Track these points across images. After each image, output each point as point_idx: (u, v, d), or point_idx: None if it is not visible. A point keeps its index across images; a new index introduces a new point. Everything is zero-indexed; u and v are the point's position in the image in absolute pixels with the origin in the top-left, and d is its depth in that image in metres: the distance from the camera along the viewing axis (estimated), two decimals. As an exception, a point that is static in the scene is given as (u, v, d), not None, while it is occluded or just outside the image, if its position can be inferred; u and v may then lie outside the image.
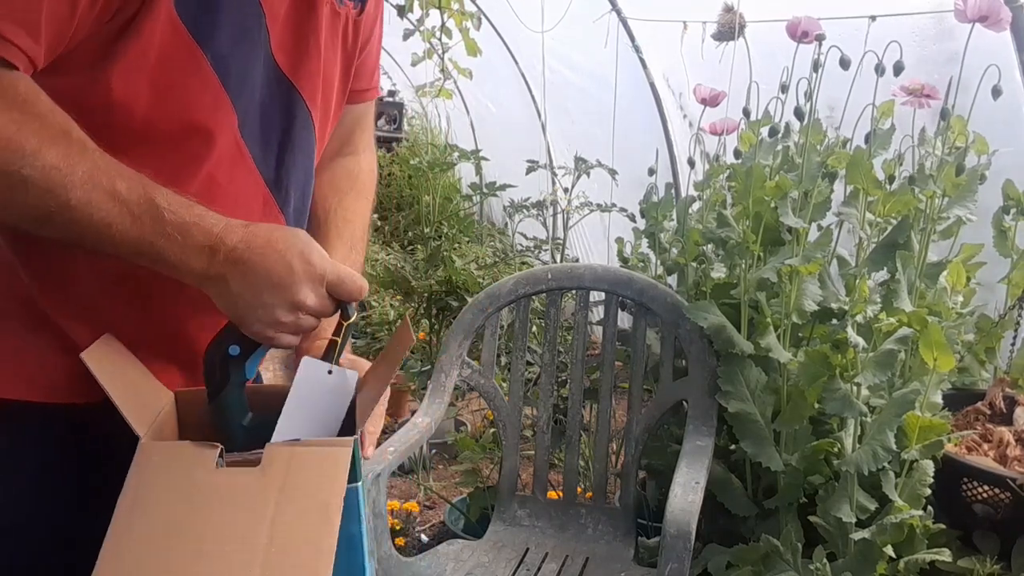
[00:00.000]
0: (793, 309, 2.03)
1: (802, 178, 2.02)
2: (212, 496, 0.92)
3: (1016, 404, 2.11)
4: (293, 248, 0.96)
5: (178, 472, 0.94)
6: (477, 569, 2.01)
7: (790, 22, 1.99)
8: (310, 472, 0.95)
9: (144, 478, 0.93)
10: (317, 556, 0.88)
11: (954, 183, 1.98)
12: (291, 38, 1.08)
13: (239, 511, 0.92)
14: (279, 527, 0.90)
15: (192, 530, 0.90)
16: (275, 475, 0.94)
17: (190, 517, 0.91)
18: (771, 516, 2.06)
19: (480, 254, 3.45)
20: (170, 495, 0.93)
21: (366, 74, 1.31)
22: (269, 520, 0.90)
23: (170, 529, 0.90)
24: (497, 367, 2.43)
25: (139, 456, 0.95)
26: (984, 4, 1.77)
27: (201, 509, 0.92)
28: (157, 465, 0.95)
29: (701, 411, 2.09)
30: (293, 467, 0.95)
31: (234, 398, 1.02)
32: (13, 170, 0.86)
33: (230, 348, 1.01)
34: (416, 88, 5.22)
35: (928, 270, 2.01)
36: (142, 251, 0.92)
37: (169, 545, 0.89)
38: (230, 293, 0.95)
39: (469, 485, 2.78)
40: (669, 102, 3.70)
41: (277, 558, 0.88)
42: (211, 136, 1.03)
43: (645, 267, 2.75)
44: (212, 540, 0.89)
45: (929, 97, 1.89)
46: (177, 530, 0.90)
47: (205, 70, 0.99)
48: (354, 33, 1.21)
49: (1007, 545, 1.89)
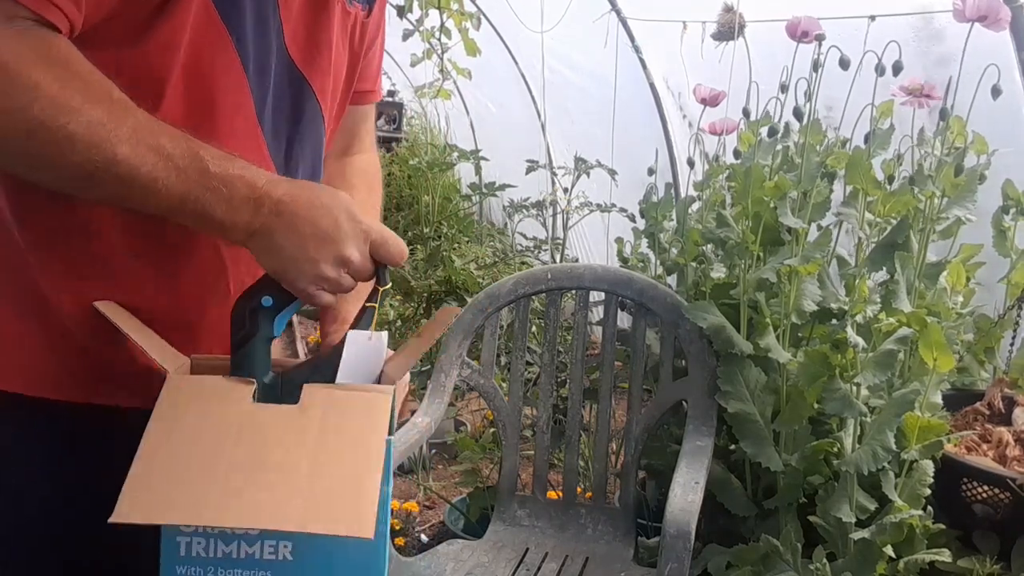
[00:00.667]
0: (792, 309, 2.03)
1: (801, 178, 2.02)
2: (249, 428, 0.89)
3: (1015, 404, 2.11)
4: (339, 204, 0.96)
5: (212, 404, 0.91)
6: (477, 569, 2.01)
7: (790, 22, 1.99)
8: (351, 413, 0.92)
9: (174, 408, 0.90)
10: (360, 492, 0.85)
11: (953, 183, 1.98)
12: (304, 32, 1.10)
13: (277, 443, 0.88)
14: (321, 461, 0.86)
15: (226, 459, 0.86)
16: (314, 413, 0.91)
17: (224, 446, 0.87)
18: (771, 516, 2.06)
19: (480, 254, 3.45)
20: (203, 425, 0.89)
21: (370, 76, 1.32)
22: (310, 453, 0.87)
23: (204, 458, 0.86)
24: (497, 367, 2.43)
25: (167, 389, 0.92)
26: (983, 3, 1.77)
27: (237, 439, 0.88)
28: (188, 396, 0.92)
29: (701, 411, 2.09)
30: (334, 407, 0.92)
31: (260, 351, 1.00)
32: (59, 125, 0.85)
33: (263, 299, 0.99)
34: (415, 88, 5.22)
35: (928, 270, 2.01)
36: (186, 207, 0.91)
37: (202, 473, 0.85)
38: (275, 246, 0.94)
39: (469, 485, 2.78)
40: (669, 102, 3.70)
41: (320, 490, 0.84)
42: (232, 117, 1.03)
43: (645, 267, 2.75)
44: (249, 468, 0.85)
45: (928, 97, 1.89)
46: (211, 459, 0.86)
47: (230, 52, 1.01)
48: (361, 34, 1.22)
49: (1007, 545, 1.89)
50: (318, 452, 0.87)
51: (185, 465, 0.85)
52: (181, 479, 0.84)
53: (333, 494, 0.84)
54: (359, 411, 0.92)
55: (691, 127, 3.03)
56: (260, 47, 1.04)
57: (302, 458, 0.86)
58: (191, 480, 0.84)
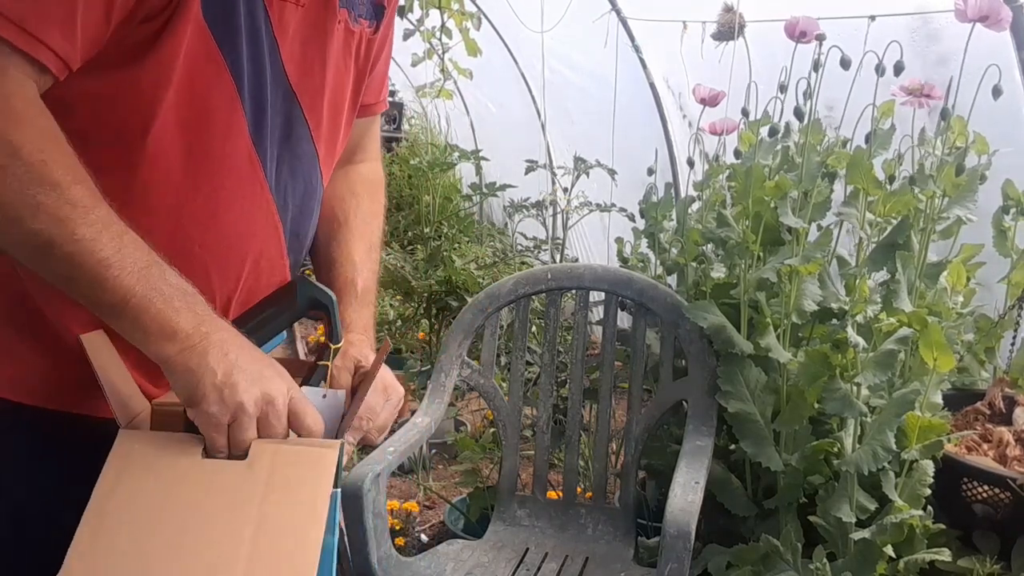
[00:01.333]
0: (793, 309, 2.02)
1: (802, 178, 2.02)
2: (196, 485, 0.90)
3: (1016, 404, 2.11)
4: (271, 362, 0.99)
5: (161, 460, 0.92)
6: (477, 569, 2.01)
7: (788, 22, 1.99)
8: (296, 469, 0.93)
9: (124, 464, 0.91)
10: (304, 551, 0.87)
11: (954, 183, 1.98)
12: (300, 51, 1.10)
13: (224, 502, 0.90)
14: (265, 520, 0.89)
15: (174, 519, 0.88)
16: (261, 469, 0.92)
17: (172, 505, 0.89)
18: (771, 516, 2.06)
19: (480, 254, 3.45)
20: (151, 482, 0.90)
21: (374, 89, 1.33)
22: (256, 512, 0.89)
23: (151, 517, 0.87)
24: (497, 367, 2.43)
25: (119, 444, 0.93)
26: (984, 4, 1.77)
27: (184, 497, 0.89)
28: (138, 452, 0.93)
29: (701, 411, 2.09)
30: (279, 462, 0.93)
31: None
32: (29, 193, 0.86)
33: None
34: (416, 88, 5.22)
35: (928, 270, 2.00)
36: (128, 301, 0.91)
37: (149, 533, 0.86)
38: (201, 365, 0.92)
39: (469, 485, 2.78)
40: (669, 102, 3.69)
41: (263, 551, 0.86)
42: (224, 137, 1.04)
43: (645, 267, 2.75)
44: (196, 530, 0.87)
45: (929, 97, 1.89)
46: (158, 518, 0.87)
47: (223, 73, 1.01)
48: (367, 51, 1.22)
49: (1007, 545, 1.88)
50: (263, 510, 0.89)
51: (130, 528, 0.87)
52: (127, 544, 0.86)
53: (275, 552, 0.87)
54: (305, 466, 0.94)
55: (691, 127, 3.03)
56: (254, 67, 1.04)
57: (247, 518, 0.88)
58: (136, 545, 0.86)
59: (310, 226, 1.23)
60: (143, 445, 0.94)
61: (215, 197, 1.05)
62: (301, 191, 1.17)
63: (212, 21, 0.98)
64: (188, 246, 1.04)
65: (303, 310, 1.12)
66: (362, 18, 1.18)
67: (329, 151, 1.21)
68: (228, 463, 0.93)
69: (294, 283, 1.14)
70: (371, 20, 1.20)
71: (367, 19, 1.19)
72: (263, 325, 1.09)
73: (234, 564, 0.85)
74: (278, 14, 1.04)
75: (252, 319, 1.09)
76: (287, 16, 1.06)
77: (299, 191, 1.16)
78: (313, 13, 1.09)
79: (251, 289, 1.13)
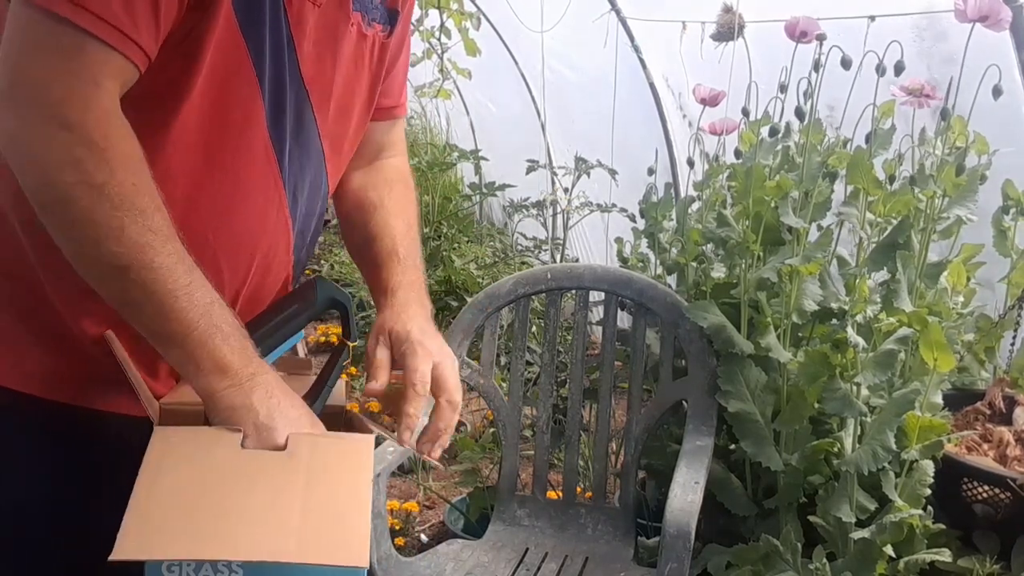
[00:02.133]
0: (793, 309, 2.03)
1: (802, 178, 2.02)
2: (239, 473, 0.91)
3: (1016, 404, 2.11)
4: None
5: (200, 451, 0.93)
6: (477, 569, 2.01)
7: (788, 22, 1.99)
8: (336, 459, 0.95)
9: (164, 457, 0.92)
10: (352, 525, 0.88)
11: (954, 183, 1.98)
12: (314, 51, 1.11)
13: (268, 484, 0.91)
14: (311, 498, 0.89)
15: (219, 498, 0.88)
16: (301, 458, 0.93)
17: (217, 487, 0.89)
18: (771, 516, 2.06)
19: (480, 254, 3.45)
20: (193, 472, 0.91)
21: (394, 92, 1.34)
22: (300, 492, 0.90)
23: (197, 498, 0.88)
24: (497, 367, 2.43)
25: (156, 438, 0.94)
26: (984, 4, 1.77)
27: (228, 484, 0.90)
28: (176, 445, 0.93)
29: (701, 411, 2.09)
30: (318, 453, 0.95)
31: None
32: (117, 216, 0.89)
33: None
34: (415, 88, 5.22)
35: (928, 270, 2.00)
36: (189, 334, 0.94)
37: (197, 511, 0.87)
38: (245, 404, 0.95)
39: (469, 485, 2.78)
40: (668, 102, 3.69)
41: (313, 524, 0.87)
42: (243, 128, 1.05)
43: (645, 267, 2.75)
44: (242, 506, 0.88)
45: (929, 97, 1.89)
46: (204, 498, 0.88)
47: (247, 66, 1.02)
48: (380, 55, 1.22)
49: (1007, 545, 1.88)
50: (308, 491, 0.90)
51: (179, 504, 0.87)
52: (177, 517, 0.86)
53: (326, 528, 0.87)
54: (344, 455, 0.96)
55: (691, 127, 3.03)
56: (274, 61, 1.05)
57: (294, 497, 0.89)
58: (187, 517, 0.86)
59: (313, 227, 1.23)
60: (181, 438, 0.95)
61: (231, 188, 1.06)
62: (309, 188, 1.17)
63: (239, 9, 0.99)
64: (201, 237, 1.04)
65: (321, 309, 1.14)
66: (375, 22, 1.18)
67: (334, 151, 1.21)
68: (268, 453, 0.94)
69: (313, 282, 1.15)
70: (384, 25, 1.20)
71: (380, 23, 1.19)
72: (286, 322, 1.11)
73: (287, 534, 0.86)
74: (297, 12, 1.05)
75: (274, 316, 1.10)
76: (305, 14, 1.06)
77: (307, 188, 1.17)
78: (328, 14, 1.10)
79: (258, 285, 1.14)
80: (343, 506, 0.90)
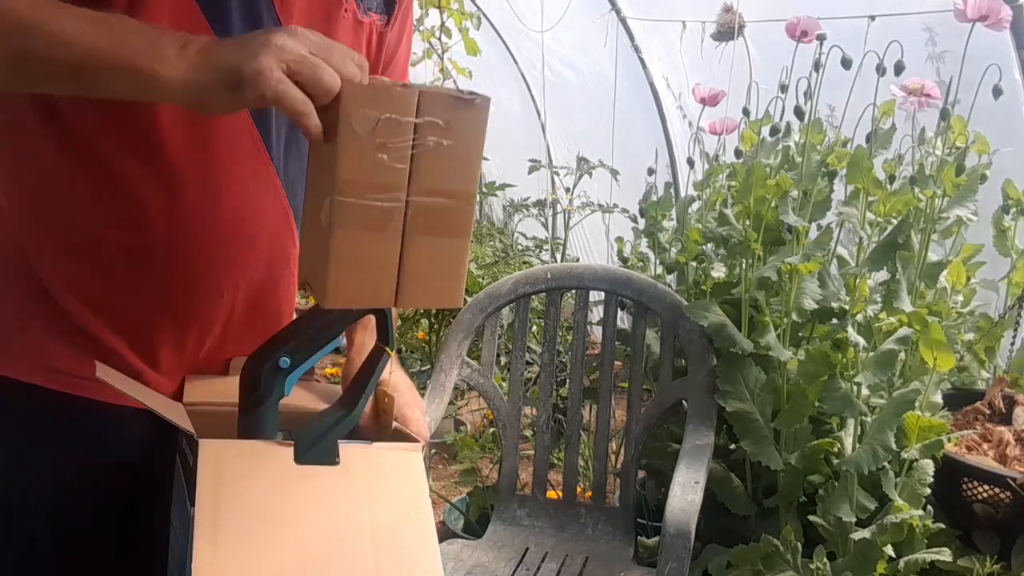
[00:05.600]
0: (793, 308, 2.02)
1: (802, 177, 2.02)
2: (302, 490, 0.90)
3: (1016, 404, 2.11)
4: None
5: (255, 471, 0.91)
6: (477, 569, 2.01)
7: (789, 22, 1.99)
8: (391, 471, 0.95)
9: (219, 478, 0.90)
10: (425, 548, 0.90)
11: (954, 183, 1.98)
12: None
13: (333, 505, 0.90)
14: (379, 520, 0.90)
15: (289, 531, 0.87)
16: (357, 473, 0.93)
17: (284, 508, 0.89)
18: (771, 516, 2.06)
19: (480, 253, 3.45)
20: (256, 488, 0.89)
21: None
22: (367, 513, 0.90)
23: (266, 529, 0.87)
24: (497, 367, 2.43)
25: (204, 456, 0.91)
26: (984, 4, 1.77)
27: (294, 501, 0.89)
28: (229, 461, 0.91)
29: (701, 410, 2.09)
30: (372, 466, 0.95)
31: (271, 414, 0.99)
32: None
33: (281, 359, 0.97)
34: (416, 88, 5.22)
35: (928, 270, 2.00)
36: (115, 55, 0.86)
37: (271, 547, 0.86)
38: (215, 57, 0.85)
39: (468, 485, 2.78)
40: (668, 102, 3.70)
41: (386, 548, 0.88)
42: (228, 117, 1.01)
43: (645, 267, 2.75)
44: (315, 529, 0.88)
45: (929, 97, 1.89)
46: (274, 530, 0.87)
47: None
48: (379, 43, 1.20)
49: (1007, 545, 1.88)
50: (374, 511, 0.91)
51: (249, 532, 0.87)
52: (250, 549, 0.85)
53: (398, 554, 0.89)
54: (398, 469, 0.96)
55: (691, 127, 3.03)
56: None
57: (361, 519, 0.90)
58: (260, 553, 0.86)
59: None
60: (231, 456, 0.92)
61: (214, 168, 1.03)
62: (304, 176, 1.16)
63: None
64: (189, 226, 1.02)
65: (360, 313, 1.08)
66: (372, 11, 1.16)
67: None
68: (323, 468, 0.93)
69: None
70: (382, 13, 1.19)
71: (377, 12, 1.18)
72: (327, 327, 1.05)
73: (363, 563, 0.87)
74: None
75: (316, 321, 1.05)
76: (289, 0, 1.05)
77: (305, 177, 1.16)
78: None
79: (260, 282, 1.11)
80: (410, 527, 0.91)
